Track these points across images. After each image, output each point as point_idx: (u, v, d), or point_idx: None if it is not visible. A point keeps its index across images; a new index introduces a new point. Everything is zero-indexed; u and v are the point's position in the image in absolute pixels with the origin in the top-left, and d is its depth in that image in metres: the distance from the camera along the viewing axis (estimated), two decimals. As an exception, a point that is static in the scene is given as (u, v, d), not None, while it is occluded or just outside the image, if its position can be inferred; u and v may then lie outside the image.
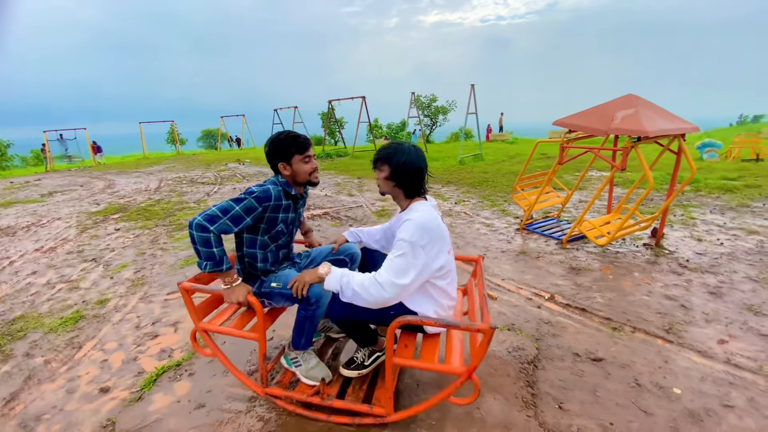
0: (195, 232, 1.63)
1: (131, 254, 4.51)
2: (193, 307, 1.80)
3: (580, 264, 3.57)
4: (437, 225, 1.67)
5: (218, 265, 1.68)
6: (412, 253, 1.58)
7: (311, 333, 1.92)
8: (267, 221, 1.83)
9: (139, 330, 2.78)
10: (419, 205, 1.72)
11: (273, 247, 1.93)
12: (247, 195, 1.73)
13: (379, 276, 1.58)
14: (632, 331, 2.48)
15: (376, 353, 2.09)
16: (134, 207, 7.38)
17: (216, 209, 1.67)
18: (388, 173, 1.73)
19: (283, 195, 1.85)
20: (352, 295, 1.60)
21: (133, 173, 13.53)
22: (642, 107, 3.37)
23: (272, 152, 1.85)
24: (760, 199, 5.72)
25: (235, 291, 1.73)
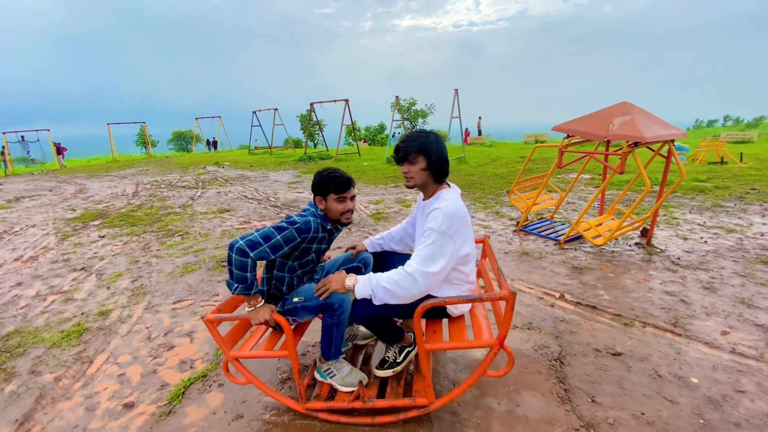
0: (235, 255, 1.63)
1: (124, 262, 4.34)
2: (221, 338, 1.77)
3: (582, 263, 3.73)
4: (464, 214, 1.71)
5: (248, 289, 1.69)
6: (441, 241, 1.60)
7: (340, 341, 1.92)
8: (301, 250, 1.85)
9: (152, 341, 2.69)
10: (446, 194, 1.74)
11: (300, 272, 1.95)
12: (289, 225, 1.74)
13: (408, 267, 1.60)
14: (643, 326, 2.62)
15: (406, 349, 2.12)
16: (114, 213, 7.08)
17: (258, 236, 1.67)
18: (425, 164, 1.72)
19: (320, 228, 1.87)
20: (384, 294, 1.61)
21: (104, 177, 12.96)
22: (637, 114, 3.56)
23: (314, 185, 1.89)
24: (731, 199, 6.13)
25: (259, 312, 1.73)
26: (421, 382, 1.88)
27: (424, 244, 1.61)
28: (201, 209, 7.05)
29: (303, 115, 27.72)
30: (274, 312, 1.74)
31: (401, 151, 1.75)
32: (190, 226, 5.84)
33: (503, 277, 1.69)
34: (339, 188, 1.85)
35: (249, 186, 9.53)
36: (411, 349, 2.09)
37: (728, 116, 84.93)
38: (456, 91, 11.47)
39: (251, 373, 1.87)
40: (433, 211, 1.64)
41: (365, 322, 1.88)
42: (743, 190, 6.69)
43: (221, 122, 23.65)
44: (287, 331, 1.71)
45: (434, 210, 1.64)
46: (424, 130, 1.78)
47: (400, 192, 7.91)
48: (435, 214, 1.62)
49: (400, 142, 1.78)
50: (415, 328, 1.64)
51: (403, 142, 1.76)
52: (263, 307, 1.74)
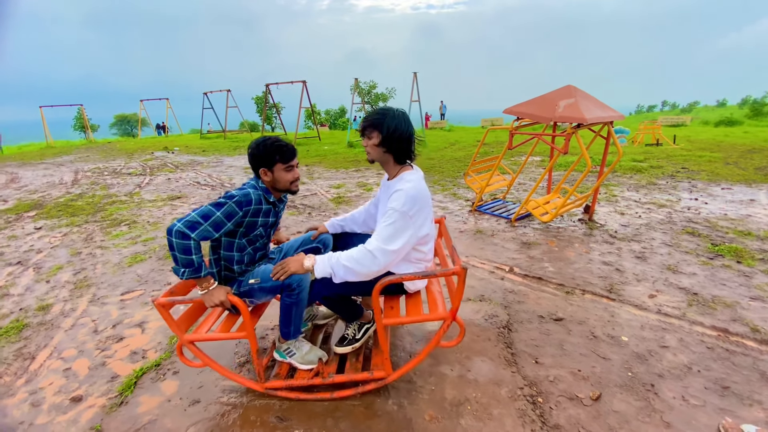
0: (175, 240, 1.56)
1: (64, 255, 4.06)
2: (174, 321, 1.73)
3: (530, 239, 3.95)
4: (426, 195, 1.77)
5: (197, 271, 1.63)
6: (402, 221, 1.65)
7: (299, 320, 1.94)
8: (247, 225, 1.80)
9: (99, 334, 2.57)
10: (409, 175, 1.77)
11: (250, 249, 1.90)
12: (228, 199, 1.69)
13: (369, 245, 1.65)
14: (582, 294, 2.85)
15: (365, 325, 2.18)
16: (51, 203, 6.56)
17: (196, 215, 1.61)
18: (378, 140, 1.74)
19: (263, 200, 1.83)
20: (344, 272, 1.65)
21: (39, 165, 11.87)
22: (580, 97, 3.77)
23: (255, 156, 1.81)
24: (664, 177, 6.69)
25: (213, 294, 1.69)
26: (379, 356, 1.95)
27: (385, 223, 1.65)
28: (149, 197, 6.68)
29: (259, 97, 26.65)
30: (230, 293, 1.72)
31: (361, 125, 1.79)
32: (138, 214, 5.54)
33: (456, 254, 1.78)
34: (286, 157, 1.81)
35: (202, 172, 9.13)
36: (370, 326, 2.15)
37: (666, 102, 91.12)
38: (415, 75, 11.49)
39: (207, 356, 1.86)
40: (396, 192, 1.68)
41: (325, 301, 1.91)
42: (674, 169, 7.31)
43: (169, 104, 22.25)
44: (244, 312, 1.70)
45: (397, 191, 1.68)
46: (388, 108, 1.77)
47: (361, 176, 7.91)
48: (397, 195, 1.67)
49: (363, 119, 1.80)
50: (374, 304, 1.70)
51: (365, 116, 1.81)
52: (217, 288, 1.71)
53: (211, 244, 1.85)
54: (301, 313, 1.92)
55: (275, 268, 1.73)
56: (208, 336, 1.79)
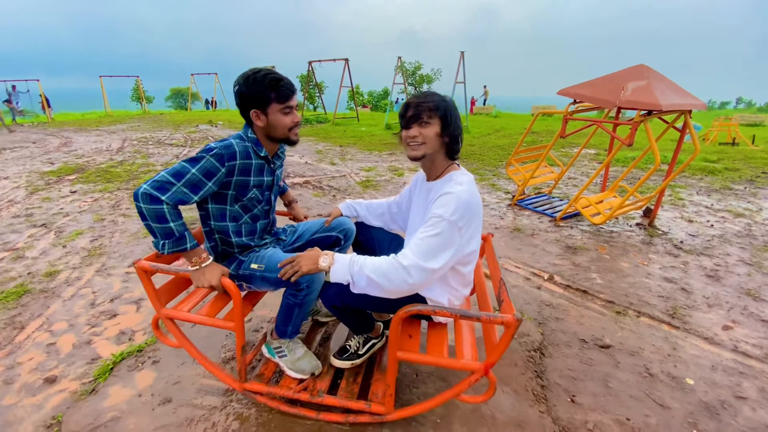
0: (143, 205, 1.28)
1: (88, 220, 4.05)
2: (154, 291, 1.49)
3: (576, 243, 3.44)
4: (478, 203, 1.39)
5: (180, 242, 1.35)
6: (449, 233, 1.30)
7: (300, 321, 1.65)
8: (236, 186, 1.48)
9: (95, 308, 2.44)
10: (460, 176, 1.41)
11: (247, 218, 1.59)
12: (205, 153, 1.37)
13: (404, 258, 1.29)
14: (637, 316, 2.36)
15: (372, 340, 1.86)
16: (93, 168, 6.74)
17: (166, 174, 1.32)
18: (440, 127, 1.37)
19: (252, 152, 1.50)
20: (367, 284, 1.32)
21: (93, 131, 12.48)
22: (653, 79, 3.16)
23: (245, 95, 1.44)
24: (741, 182, 5.77)
25: (206, 272, 1.41)
26: (382, 386, 1.63)
27: (427, 233, 1.30)
28: (182, 168, 6.69)
29: (303, 75, 26.66)
30: (225, 275, 1.44)
31: (412, 109, 1.37)
32: (167, 184, 5.52)
33: (506, 291, 1.39)
34: (283, 93, 1.44)
35: (238, 146, 9.12)
36: (377, 342, 1.83)
37: (741, 99, 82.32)
38: (462, 54, 10.78)
39: (183, 335, 1.63)
40: (444, 195, 1.33)
41: (333, 309, 1.58)
42: (754, 173, 6.32)
43: (217, 79, 22.75)
44: (236, 301, 1.42)
45: (445, 194, 1.33)
46: (437, 92, 1.43)
47: (394, 160, 7.53)
48: (446, 199, 1.32)
49: (411, 99, 1.40)
50: (391, 332, 1.35)
51: (416, 98, 1.39)
52: (211, 266, 1.42)
53: (199, 213, 1.57)
54: (305, 315, 1.63)
55: (284, 264, 1.41)
56: (188, 316, 1.54)
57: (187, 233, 1.38)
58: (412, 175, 6.17)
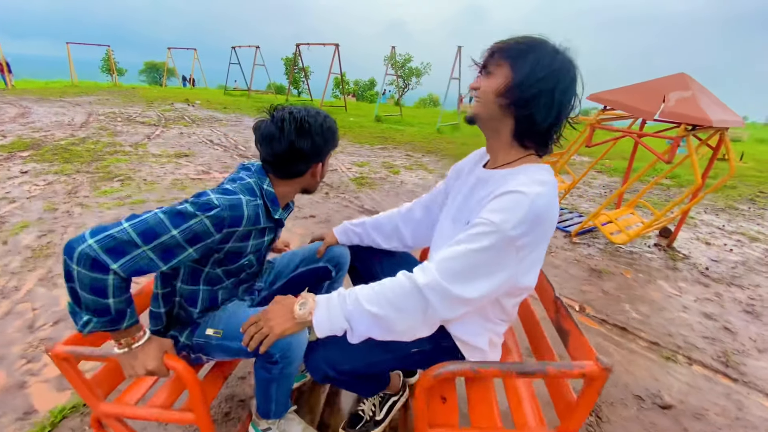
0: (77, 268, 0.81)
1: (38, 209, 3.44)
2: (85, 383, 1.02)
3: (599, 265, 3.14)
4: (554, 219, 0.91)
5: (113, 323, 0.90)
6: (501, 251, 0.85)
7: (284, 395, 1.21)
8: (226, 253, 1.07)
9: (34, 333, 1.93)
10: (540, 172, 0.92)
11: (229, 283, 1.17)
12: (200, 211, 0.92)
13: (421, 274, 0.87)
14: (689, 363, 2.06)
15: (391, 398, 1.46)
16: (50, 144, 5.98)
17: (130, 229, 0.85)
18: (507, 80, 0.89)
19: (263, 215, 1.09)
20: (369, 325, 0.90)
21: (56, 102, 11.40)
22: (697, 90, 2.86)
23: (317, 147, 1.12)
24: (742, 200, 5.69)
25: (139, 356, 0.95)
26: None
27: (466, 245, 0.86)
28: (155, 150, 6.04)
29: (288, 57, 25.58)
30: (169, 353, 0.99)
31: (488, 52, 0.95)
32: (137, 169, 4.89)
33: (571, 320, 1.01)
34: (335, 143, 1.20)
35: (218, 130, 8.44)
36: (397, 399, 1.43)
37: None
38: (459, 49, 10.40)
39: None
40: (510, 195, 0.86)
41: (327, 380, 1.11)
42: (751, 192, 6.27)
43: (196, 56, 21.48)
44: (190, 384, 0.99)
45: (512, 193, 0.86)
46: (541, 38, 0.91)
47: (387, 155, 7.09)
48: (512, 200, 0.85)
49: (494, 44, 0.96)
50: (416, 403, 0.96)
51: (498, 42, 0.95)
52: (148, 346, 0.97)
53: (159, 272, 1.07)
54: (288, 389, 1.20)
55: (246, 325, 0.98)
56: (137, 411, 1.09)
57: (129, 310, 0.92)
58: (409, 174, 5.77)
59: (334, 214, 3.87)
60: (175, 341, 1.14)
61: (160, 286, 1.12)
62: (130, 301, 0.91)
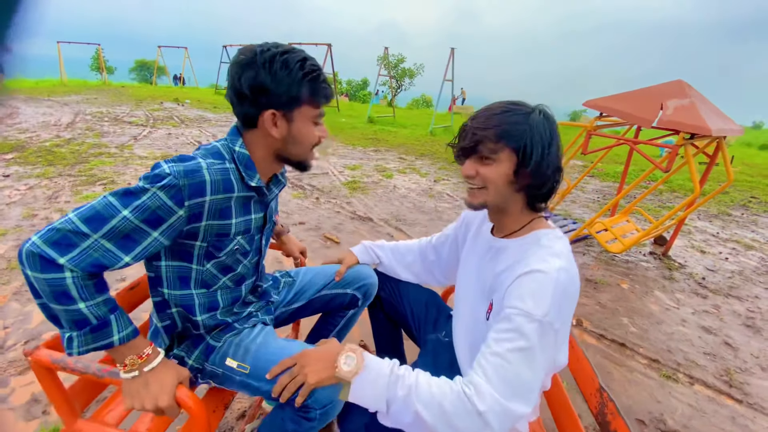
0: (30, 272, 0.71)
1: (16, 216, 3.29)
2: (62, 393, 0.91)
3: (595, 275, 3.08)
4: (578, 286, 0.84)
5: (100, 335, 0.77)
6: (542, 340, 0.76)
7: None
8: (206, 235, 0.90)
9: (3, 354, 1.80)
10: (552, 239, 0.86)
11: (227, 280, 1.01)
12: (150, 183, 0.78)
13: (479, 398, 0.74)
14: (690, 383, 2.00)
15: None
16: (35, 146, 5.80)
17: (75, 217, 0.73)
18: (514, 165, 0.84)
19: (236, 180, 0.91)
20: (411, 424, 0.79)
21: (44, 102, 11.12)
22: (696, 98, 2.81)
23: (262, 86, 0.85)
24: (735, 206, 5.70)
25: (150, 384, 0.81)
26: None
27: (509, 345, 0.76)
28: (142, 152, 5.88)
29: (282, 58, 25.42)
30: (184, 384, 0.85)
31: (468, 135, 0.87)
32: (121, 172, 4.74)
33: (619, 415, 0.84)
34: (325, 93, 0.93)
35: (207, 130, 8.28)
36: None
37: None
38: (452, 51, 10.34)
39: None
40: (530, 275, 0.79)
41: None
42: (743, 197, 6.30)
43: (187, 54, 21.19)
44: (200, 423, 0.84)
45: (532, 274, 0.79)
46: (520, 103, 0.88)
47: (380, 158, 7.01)
48: (535, 284, 0.78)
49: (471, 119, 0.89)
50: None
51: (474, 120, 0.88)
52: (164, 370, 0.83)
53: (147, 274, 0.97)
54: None
55: (277, 371, 0.88)
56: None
57: (114, 317, 0.79)
58: (402, 178, 5.69)
59: (325, 220, 3.77)
60: (180, 362, 1.02)
61: (151, 295, 0.99)
62: (111, 303, 0.79)
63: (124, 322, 0.81)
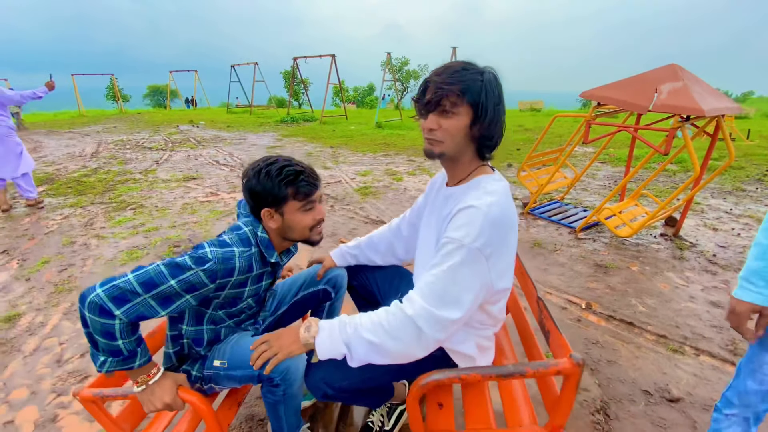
0: (89, 315, 0.93)
1: (56, 244, 3.59)
2: (112, 421, 1.14)
3: (605, 260, 3.16)
4: (513, 220, 1.01)
5: (127, 362, 1.01)
6: (471, 265, 0.93)
7: (293, 414, 1.28)
8: (225, 297, 1.18)
9: (62, 366, 2.04)
10: (491, 182, 1.04)
11: (231, 322, 1.28)
12: (195, 265, 1.02)
13: (409, 305, 0.95)
14: (696, 354, 2.08)
15: (398, 408, 1.53)
16: (64, 177, 6.19)
17: (133, 279, 0.96)
18: (470, 118, 0.98)
19: (256, 261, 1.18)
20: (367, 351, 0.98)
21: (65, 134, 11.74)
22: (688, 80, 2.88)
23: (256, 192, 1.15)
24: (750, 181, 5.62)
25: (155, 391, 1.06)
26: None
27: (441, 267, 0.94)
28: (164, 175, 6.21)
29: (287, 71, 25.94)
30: (183, 387, 1.10)
31: (431, 91, 0.99)
32: (148, 196, 5.05)
33: (550, 318, 1.09)
34: (304, 189, 1.15)
35: (223, 149, 8.62)
36: (404, 408, 1.50)
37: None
38: (454, 49, 10.46)
39: None
40: (465, 210, 0.96)
41: (326, 398, 1.18)
42: (759, 172, 6.18)
43: (197, 77, 21.90)
44: (205, 415, 1.09)
45: (467, 209, 0.96)
46: (472, 63, 1.01)
47: (389, 162, 7.17)
48: (468, 216, 0.95)
49: (432, 75, 1.02)
50: (411, 408, 1.04)
51: (438, 74, 1.00)
52: (162, 381, 1.07)
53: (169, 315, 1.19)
54: (296, 408, 1.28)
55: (256, 344, 1.10)
56: None
57: (139, 350, 1.03)
58: (412, 180, 5.84)
59: (340, 226, 3.95)
60: (188, 375, 1.26)
61: (169, 329, 1.24)
62: (140, 341, 1.03)
63: (144, 352, 1.06)
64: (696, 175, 2.80)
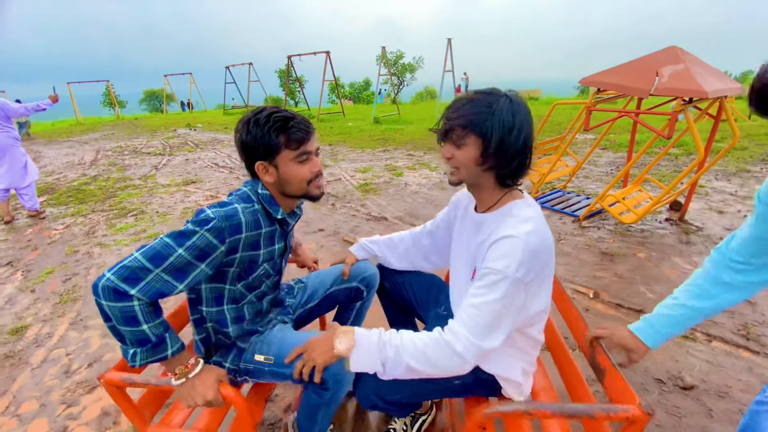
0: (104, 301, 0.90)
1: (59, 253, 3.58)
2: (133, 407, 1.11)
3: (610, 248, 3.13)
4: (550, 247, 1.01)
5: (158, 350, 0.98)
6: (511, 295, 0.94)
7: (328, 419, 1.27)
8: (240, 263, 1.12)
9: (70, 377, 2.03)
10: (523, 208, 1.02)
11: (252, 296, 1.22)
12: (198, 226, 0.99)
13: (455, 340, 0.95)
14: (708, 340, 2.06)
15: (421, 417, 1.52)
16: (64, 186, 6.18)
17: (140, 256, 0.93)
18: (479, 149, 0.98)
19: (263, 218, 1.14)
20: (404, 373, 0.98)
21: (64, 143, 11.72)
22: (690, 62, 2.83)
23: (246, 144, 1.10)
24: (754, 162, 5.57)
25: (196, 384, 1.03)
26: None
27: (484, 298, 0.95)
28: (164, 180, 6.19)
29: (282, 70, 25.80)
30: (224, 382, 1.07)
31: (443, 121, 1.04)
32: (148, 202, 5.03)
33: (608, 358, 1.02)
34: (296, 137, 1.09)
35: (221, 151, 8.59)
36: (427, 417, 1.48)
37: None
38: (449, 41, 10.36)
39: None
40: (503, 240, 0.96)
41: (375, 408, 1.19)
42: (763, 152, 6.13)
43: (192, 80, 21.80)
44: (243, 413, 1.06)
45: (505, 239, 0.95)
46: (491, 91, 1.00)
47: (389, 157, 7.13)
48: (507, 246, 0.95)
49: (447, 108, 1.04)
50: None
51: (449, 108, 1.03)
52: (204, 374, 1.04)
53: (187, 296, 1.18)
54: (332, 413, 1.26)
55: (292, 353, 1.09)
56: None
57: (168, 335, 0.99)
58: (412, 174, 5.80)
59: (342, 224, 3.93)
60: (219, 366, 1.22)
61: (190, 312, 1.20)
62: (166, 326, 0.99)
63: (174, 338, 1.01)
64: (700, 158, 2.76)
